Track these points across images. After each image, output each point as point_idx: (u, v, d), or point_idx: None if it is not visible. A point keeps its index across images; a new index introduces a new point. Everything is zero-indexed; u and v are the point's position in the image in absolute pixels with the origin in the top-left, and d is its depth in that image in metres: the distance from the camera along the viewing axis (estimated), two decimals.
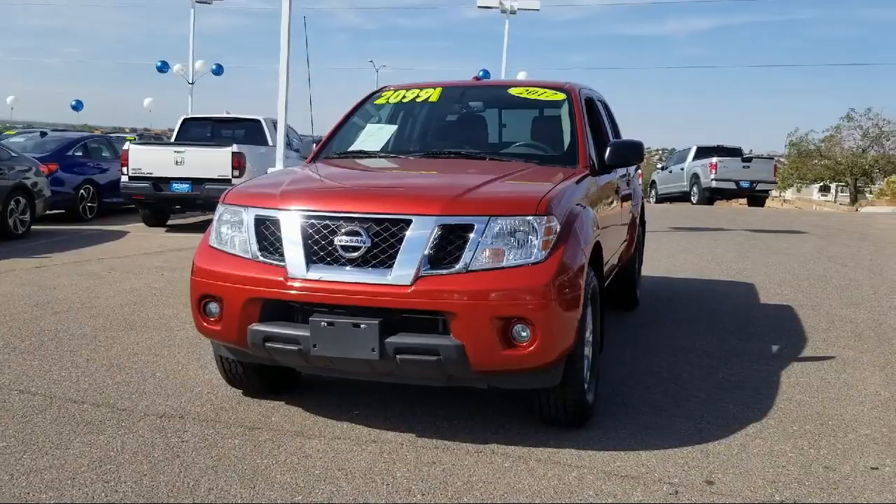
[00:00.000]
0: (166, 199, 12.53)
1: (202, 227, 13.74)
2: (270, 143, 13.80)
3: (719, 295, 7.90)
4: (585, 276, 3.69)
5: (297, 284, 3.58)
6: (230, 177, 12.09)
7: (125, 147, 12.65)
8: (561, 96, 5.02)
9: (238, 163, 12.10)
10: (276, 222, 3.72)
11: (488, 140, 4.98)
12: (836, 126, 38.33)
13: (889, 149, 36.87)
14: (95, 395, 4.34)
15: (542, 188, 3.78)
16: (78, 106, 41.90)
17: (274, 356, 3.71)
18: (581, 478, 3.38)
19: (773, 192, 32.44)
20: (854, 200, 35.37)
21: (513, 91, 5.19)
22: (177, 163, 12.23)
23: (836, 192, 46.45)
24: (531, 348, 3.42)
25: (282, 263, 3.64)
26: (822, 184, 44.31)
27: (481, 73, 29.84)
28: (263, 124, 13.96)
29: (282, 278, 3.61)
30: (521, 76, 29.43)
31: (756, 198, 24.73)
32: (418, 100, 5.22)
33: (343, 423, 3.97)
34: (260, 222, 3.77)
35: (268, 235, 3.74)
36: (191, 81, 29.54)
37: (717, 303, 7.44)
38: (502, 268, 3.46)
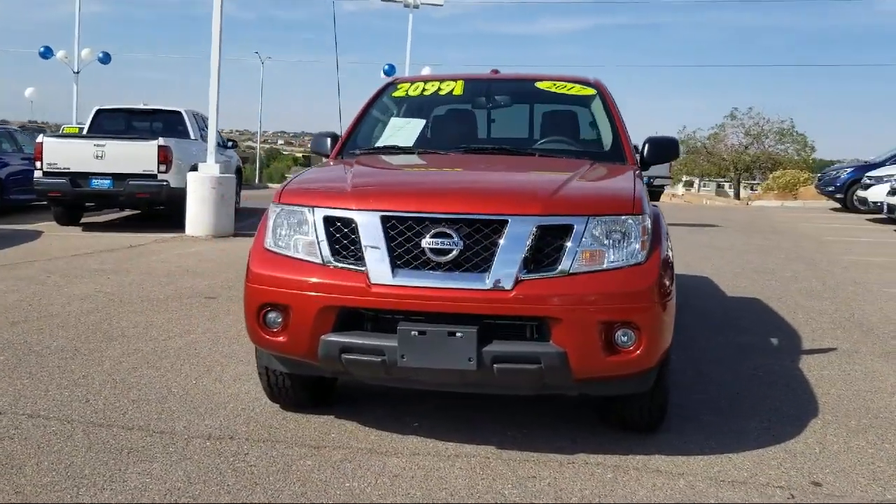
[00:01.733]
0: (85, 196, 11.64)
1: (123, 225, 12.91)
2: (192, 135, 13.10)
3: (686, 289, 8.03)
4: (674, 276, 3.60)
5: (381, 291, 3.30)
6: (156, 172, 11.38)
7: (39, 140, 11.66)
8: (591, 91, 4.91)
9: (165, 157, 11.39)
10: (350, 224, 3.42)
11: (530, 136, 4.80)
12: (721, 124, 40.27)
13: (768, 146, 39.06)
14: (119, 416, 3.89)
15: (625, 186, 3.65)
16: None
17: (350, 369, 3.42)
18: (692, 485, 3.27)
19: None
20: (737, 195, 37.25)
21: (540, 85, 5.03)
22: (97, 157, 11.38)
23: (699, 186, 48.67)
24: (637, 353, 3.29)
25: (361, 269, 3.35)
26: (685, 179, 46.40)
27: (387, 68, 29.58)
28: (185, 116, 13.22)
29: (363, 285, 3.32)
30: (426, 71, 29.40)
31: (654, 193, 25.58)
32: (441, 93, 4.98)
33: (411, 437, 3.72)
34: (330, 224, 3.46)
35: (340, 238, 3.44)
36: (76, 70, 27.79)
37: (687, 297, 7.55)
38: (604, 270, 3.31)
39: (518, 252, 3.25)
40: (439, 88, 4.98)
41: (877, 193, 17.16)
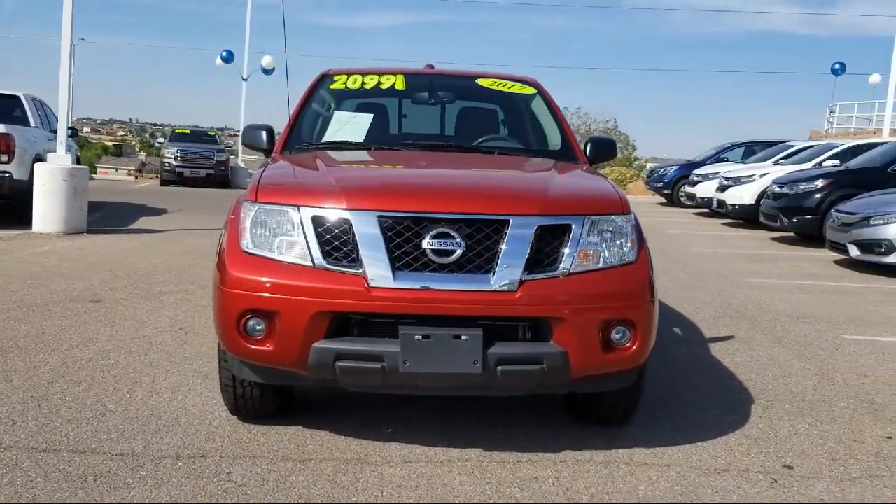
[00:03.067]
0: None
1: None
2: (32, 123, 11.97)
3: None
4: None
5: (381, 294, 3.17)
6: None
7: None
8: (531, 90, 4.95)
9: (7, 146, 10.32)
10: (342, 224, 3.25)
11: (481, 134, 4.75)
12: None
13: None
14: (62, 439, 3.49)
15: (607, 186, 3.72)
16: None
17: (343, 377, 3.25)
18: (684, 476, 3.39)
19: None
20: None
21: (481, 83, 5.00)
22: None
23: None
24: (633, 349, 3.37)
25: (357, 271, 3.20)
26: None
27: (225, 55, 28.41)
28: (24, 101, 12.04)
29: (361, 288, 3.17)
30: (267, 60, 28.55)
31: None
32: (383, 87, 4.83)
33: (393, 444, 3.60)
34: (319, 224, 3.28)
35: (331, 239, 3.26)
36: None
37: None
38: (601, 269, 3.36)
39: (521, 252, 3.22)
40: (380, 82, 4.84)
41: (705, 189, 18.57)
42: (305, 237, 3.26)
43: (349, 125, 4.57)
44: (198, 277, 7.53)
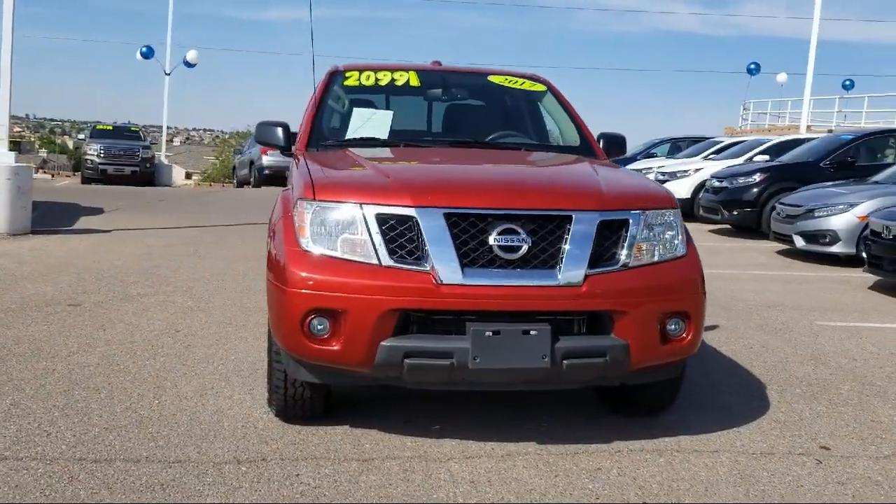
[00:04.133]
0: None
1: None
2: None
3: None
4: None
5: (451, 291, 3.17)
6: None
7: None
8: (542, 87, 5.00)
9: None
10: (407, 221, 3.23)
11: (501, 129, 4.76)
12: None
13: None
14: (107, 448, 3.36)
15: (650, 182, 3.81)
16: None
17: (409, 375, 3.23)
18: (736, 460, 3.51)
19: None
20: None
21: (493, 79, 5.02)
22: None
23: None
24: (687, 340, 3.47)
25: (424, 268, 3.19)
26: None
27: (144, 50, 27.51)
28: None
29: (431, 285, 3.16)
30: (192, 54, 27.81)
31: None
32: (397, 83, 4.80)
33: (448, 441, 3.59)
34: (384, 222, 3.25)
35: (396, 237, 3.24)
36: None
37: None
38: (657, 263, 3.44)
39: (584, 247, 3.27)
40: (393, 79, 4.80)
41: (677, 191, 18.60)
42: (370, 235, 3.23)
43: (370, 122, 4.52)
44: (169, 279, 7.31)
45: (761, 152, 16.08)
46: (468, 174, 3.86)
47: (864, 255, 9.10)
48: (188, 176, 30.68)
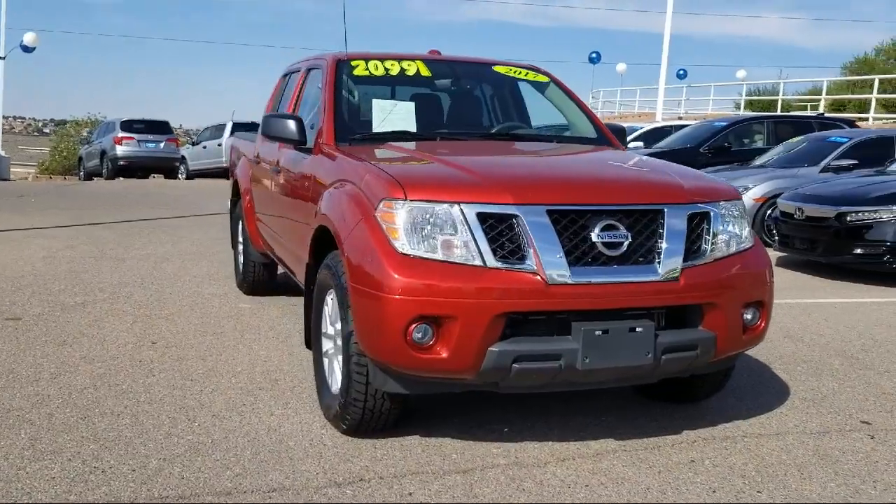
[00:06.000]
0: None
1: None
2: None
3: None
4: None
5: (560, 291, 3.08)
6: None
7: None
8: (544, 78, 4.95)
9: None
10: (508, 220, 3.10)
11: (520, 121, 4.64)
12: None
13: None
14: (181, 484, 3.01)
15: (700, 172, 3.86)
16: None
17: (517, 378, 3.11)
18: (803, 442, 3.64)
19: None
20: None
21: (498, 69, 4.89)
22: None
23: None
24: (761, 327, 3.55)
25: (530, 268, 3.07)
26: None
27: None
28: None
29: (539, 286, 3.06)
30: (30, 37, 25.55)
31: None
32: (407, 73, 4.58)
33: (529, 443, 3.51)
34: (484, 221, 3.09)
35: (498, 236, 3.10)
36: None
37: None
38: (734, 254, 3.49)
39: (678, 241, 3.28)
40: (403, 69, 4.58)
41: None
42: (472, 235, 3.07)
43: (394, 114, 4.30)
44: (97, 284, 6.66)
45: (635, 139, 16.86)
46: (556, 170, 3.76)
47: (764, 234, 9.80)
48: None
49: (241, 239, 6.52)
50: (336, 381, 3.57)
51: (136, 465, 3.16)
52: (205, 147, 25.97)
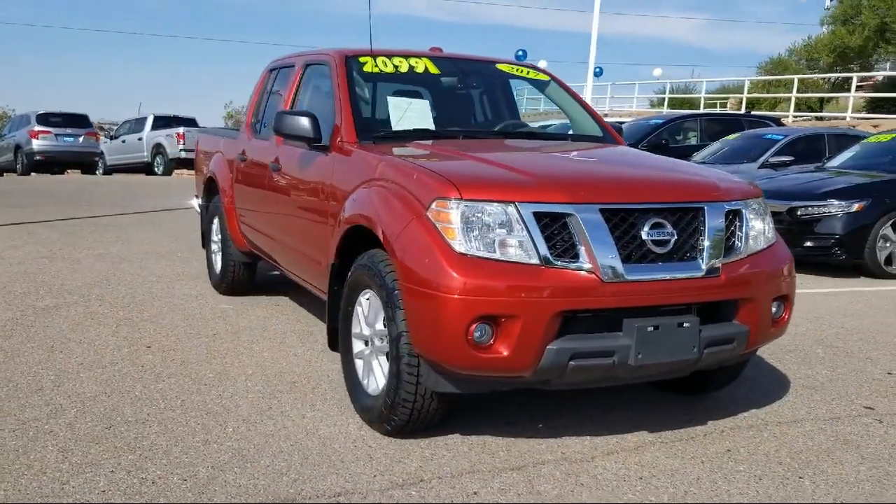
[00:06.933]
0: None
1: None
2: None
3: None
4: None
5: (615, 289, 3.13)
6: None
7: None
8: (545, 76, 5.00)
9: None
10: (561, 219, 3.14)
11: (533, 119, 4.66)
12: None
13: None
14: (246, 494, 2.93)
15: (723, 172, 3.98)
16: None
17: (572, 376, 3.16)
18: (822, 429, 3.81)
19: None
20: None
21: (502, 67, 4.90)
22: None
23: None
24: (785, 320, 3.70)
25: (584, 267, 3.11)
26: None
27: None
28: None
29: (595, 284, 3.10)
30: None
31: None
32: (417, 70, 4.54)
33: (568, 439, 3.56)
34: (540, 219, 3.12)
35: (553, 235, 3.13)
36: None
37: None
38: (763, 249, 3.61)
39: (719, 237, 3.38)
40: (412, 66, 4.55)
41: None
42: (529, 234, 3.09)
43: (409, 112, 4.26)
44: (60, 286, 6.38)
45: None
46: (605, 169, 3.81)
47: None
48: None
49: (216, 238, 6.35)
50: (374, 383, 3.54)
51: (185, 474, 3.05)
52: (124, 141, 25.09)
